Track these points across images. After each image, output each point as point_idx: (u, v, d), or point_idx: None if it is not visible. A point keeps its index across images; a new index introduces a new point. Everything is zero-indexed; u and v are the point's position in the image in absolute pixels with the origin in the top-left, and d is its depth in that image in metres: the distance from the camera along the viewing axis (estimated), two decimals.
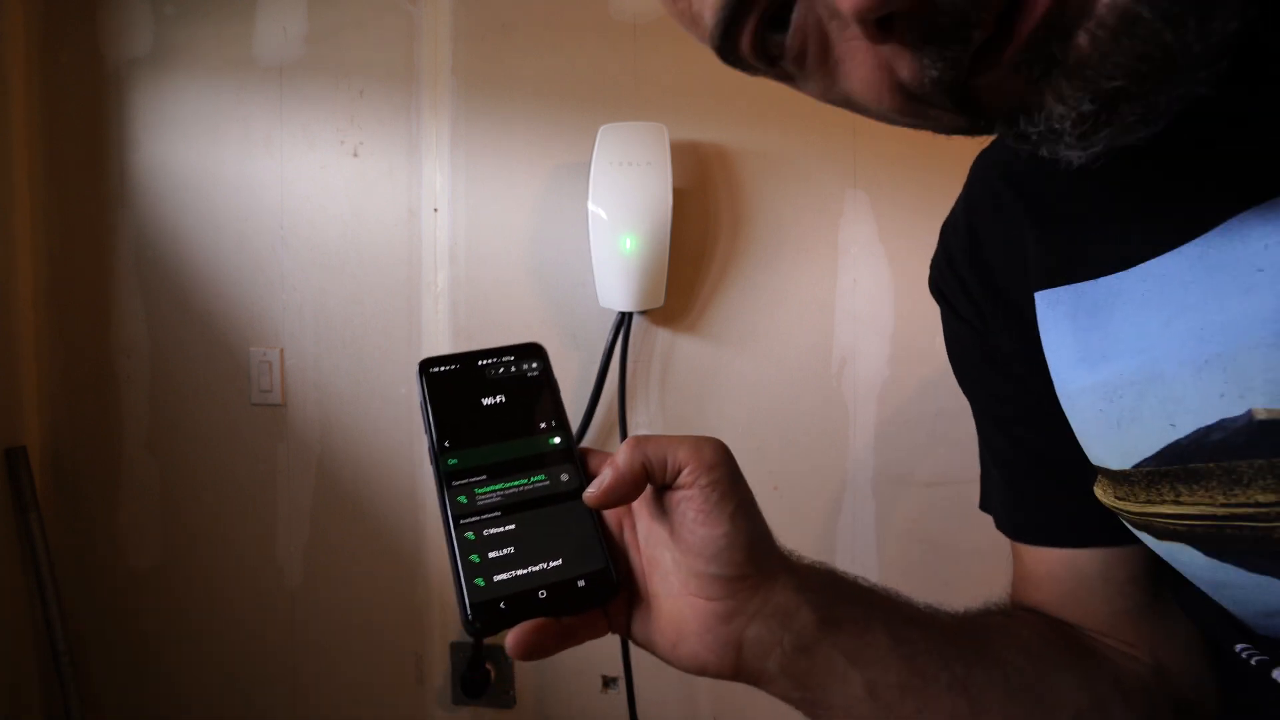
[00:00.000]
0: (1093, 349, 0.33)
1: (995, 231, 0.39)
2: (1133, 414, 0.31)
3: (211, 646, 1.26)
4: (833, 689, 0.33)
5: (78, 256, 1.25)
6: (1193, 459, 0.29)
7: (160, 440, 1.25)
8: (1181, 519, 0.30)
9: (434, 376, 0.33)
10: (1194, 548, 0.30)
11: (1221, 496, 0.29)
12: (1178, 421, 0.30)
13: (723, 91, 1.09)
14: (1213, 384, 0.28)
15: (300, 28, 1.18)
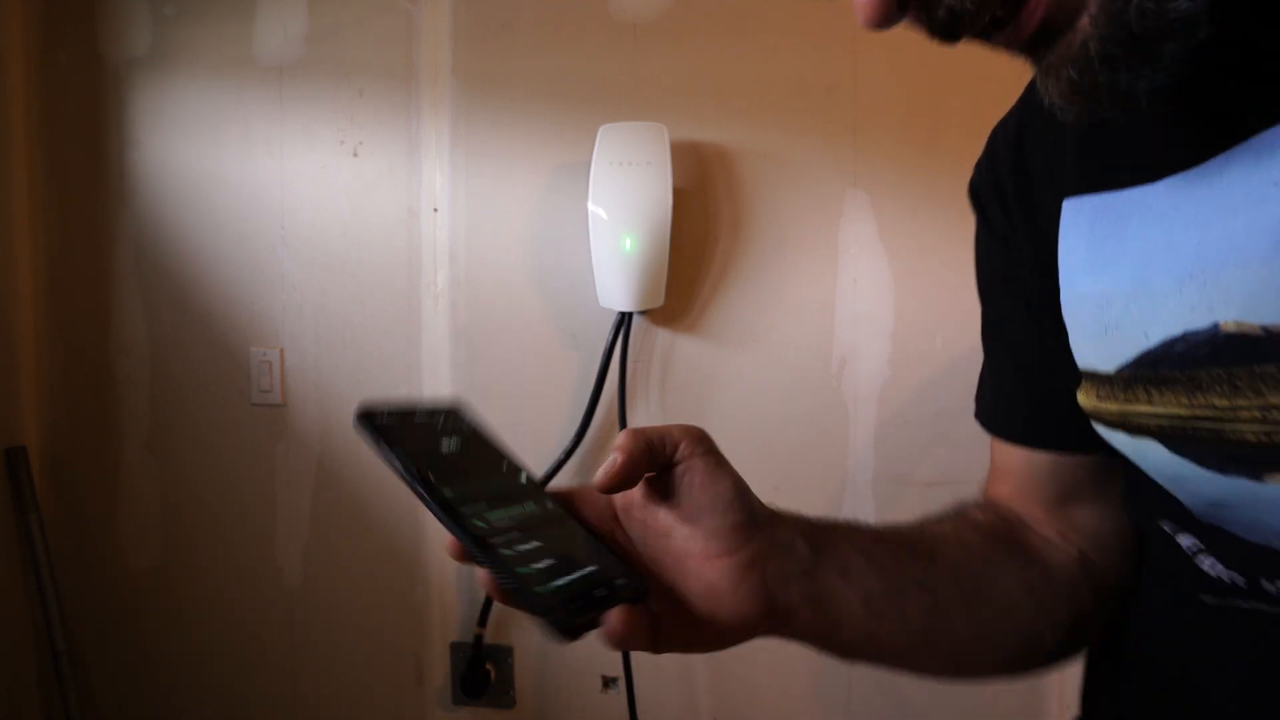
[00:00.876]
0: (1102, 257, 0.35)
1: (1042, 139, 0.40)
2: (1118, 322, 0.34)
3: (211, 646, 1.26)
4: (837, 606, 0.36)
5: (78, 256, 1.25)
6: (1160, 366, 0.33)
7: (160, 440, 1.25)
8: (1153, 418, 0.34)
9: (381, 424, 0.33)
10: (1161, 443, 0.34)
11: (1185, 399, 0.32)
12: (1150, 332, 0.33)
13: (723, 91, 1.09)
14: (1187, 299, 0.31)
15: (300, 27, 1.18)
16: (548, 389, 1.15)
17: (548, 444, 1.15)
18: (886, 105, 1.06)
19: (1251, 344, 0.29)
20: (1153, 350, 0.33)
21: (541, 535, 0.33)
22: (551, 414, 1.15)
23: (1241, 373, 0.29)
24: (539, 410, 1.15)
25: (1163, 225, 0.32)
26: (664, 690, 1.14)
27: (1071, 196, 0.37)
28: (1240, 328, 0.29)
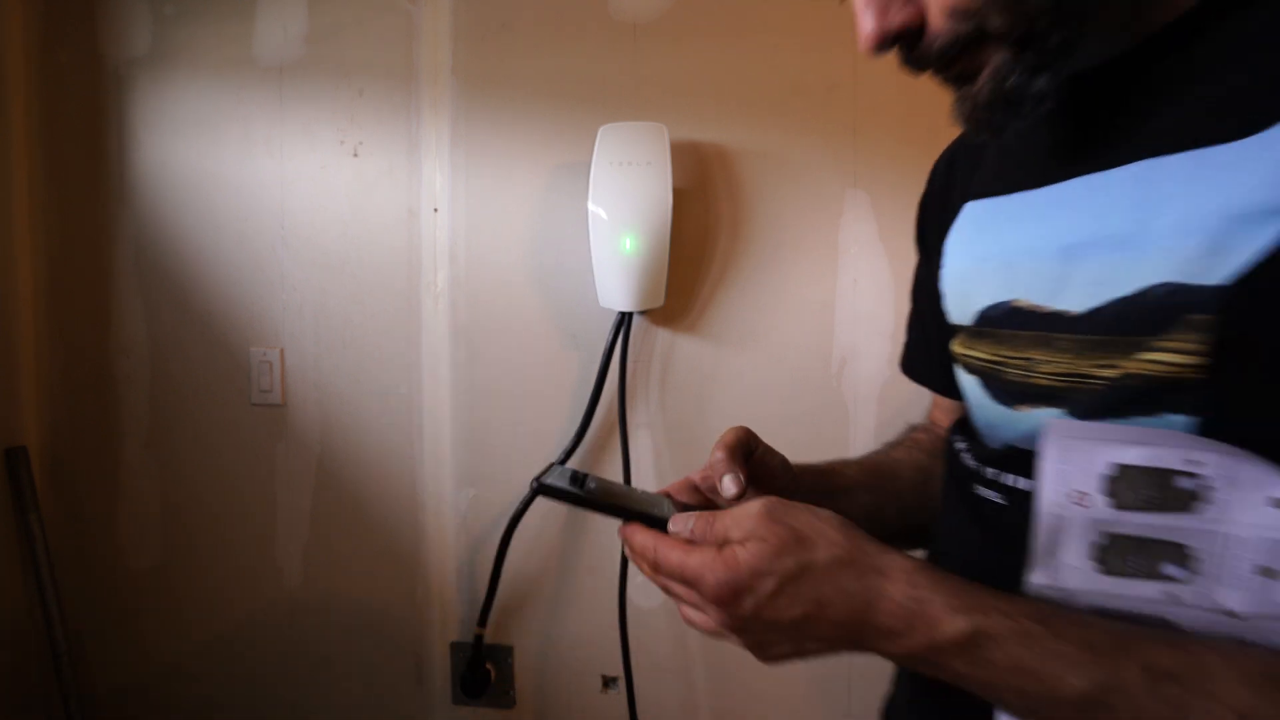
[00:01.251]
0: (970, 244, 0.49)
1: (965, 161, 0.56)
2: (970, 289, 0.48)
3: (211, 646, 1.26)
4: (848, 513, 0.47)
5: (78, 256, 1.25)
6: (985, 324, 0.46)
7: (160, 440, 1.25)
8: (978, 360, 0.47)
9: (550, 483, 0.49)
10: (977, 379, 0.47)
11: (991, 349, 0.45)
12: (983, 299, 0.47)
13: (723, 91, 1.09)
14: (1001, 278, 0.45)
15: (300, 27, 1.18)
16: (548, 389, 1.15)
17: (548, 444, 1.15)
18: (886, 105, 1.06)
19: (1024, 315, 0.42)
20: (983, 311, 0.47)
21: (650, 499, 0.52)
22: (552, 414, 1.15)
23: (1018, 333, 0.43)
24: (539, 410, 1.15)
25: (1008, 225, 0.45)
26: (664, 690, 1.14)
27: (969, 201, 0.50)
28: (1020, 303, 0.43)
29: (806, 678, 1.12)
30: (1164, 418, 0.34)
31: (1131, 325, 0.35)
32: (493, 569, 1.14)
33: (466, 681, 1.16)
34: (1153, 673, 0.30)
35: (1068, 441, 0.36)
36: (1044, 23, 0.35)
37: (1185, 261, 0.33)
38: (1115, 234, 0.36)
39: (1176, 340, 0.33)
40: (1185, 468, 0.33)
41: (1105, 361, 0.36)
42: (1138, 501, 0.34)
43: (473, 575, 1.19)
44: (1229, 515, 0.32)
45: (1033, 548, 0.37)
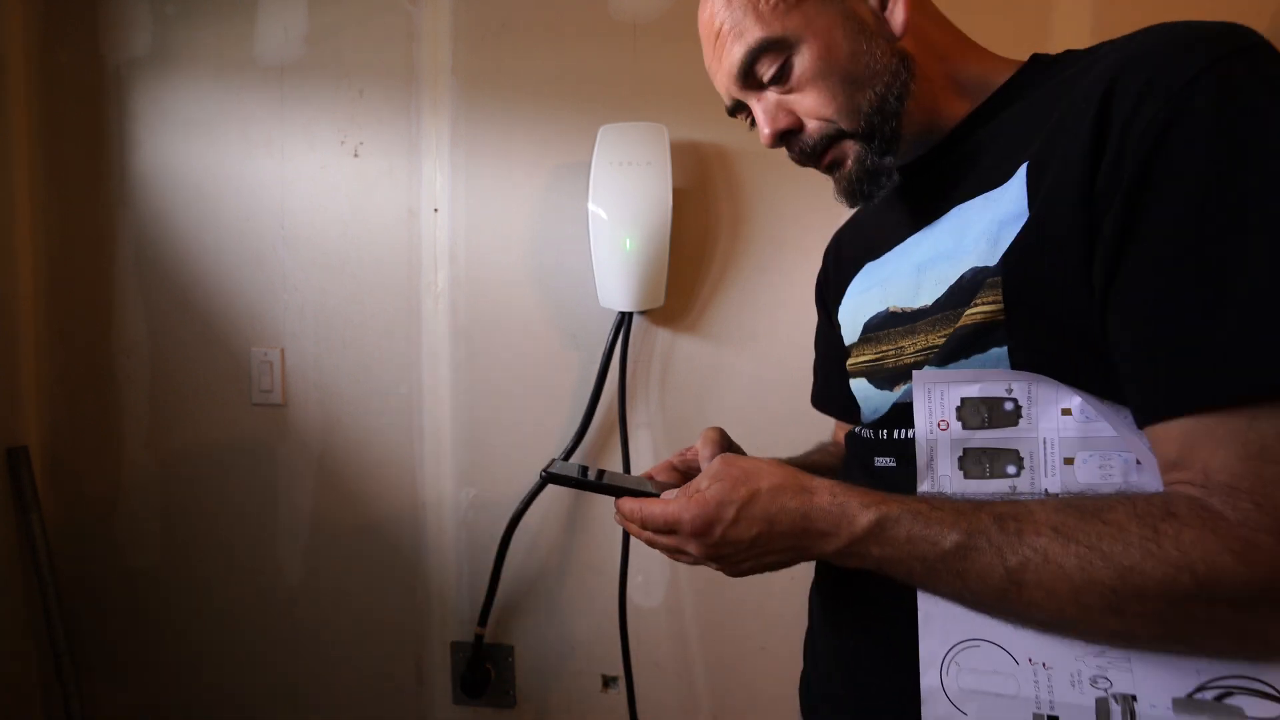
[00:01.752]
0: (860, 284, 0.66)
1: (851, 239, 0.74)
2: (858, 311, 0.64)
3: (211, 646, 1.26)
4: None
5: (78, 256, 1.25)
6: (867, 332, 0.62)
7: (161, 440, 1.25)
8: (864, 362, 0.62)
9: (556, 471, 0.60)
10: (864, 378, 0.62)
11: (873, 349, 0.61)
12: (867, 314, 0.63)
13: None
14: (878, 294, 0.62)
15: (301, 28, 1.18)
16: (548, 389, 1.15)
17: (548, 443, 1.15)
18: None
19: (894, 317, 0.59)
20: (867, 321, 0.62)
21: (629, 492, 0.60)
22: (552, 413, 1.15)
23: (891, 331, 0.59)
24: (539, 410, 1.15)
25: (882, 267, 0.63)
26: (664, 690, 1.14)
27: (868, 261, 0.66)
28: (894, 308, 0.59)
29: None
30: (990, 352, 0.48)
31: (957, 300, 0.51)
32: (493, 569, 1.14)
33: (466, 681, 1.16)
34: (998, 516, 0.44)
35: (929, 386, 0.50)
36: (876, 119, 0.55)
37: (980, 255, 0.50)
38: (945, 250, 0.54)
39: (984, 299, 0.48)
40: (1005, 395, 0.47)
41: (944, 331, 0.52)
42: (979, 422, 0.48)
43: (473, 575, 1.19)
44: (1038, 424, 0.46)
45: (917, 465, 0.50)
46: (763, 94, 0.59)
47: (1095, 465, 0.45)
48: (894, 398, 0.57)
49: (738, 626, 1.12)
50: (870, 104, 0.54)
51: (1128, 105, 0.42)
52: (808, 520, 0.49)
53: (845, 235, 0.77)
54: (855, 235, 0.73)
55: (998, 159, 0.52)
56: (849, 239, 0.75)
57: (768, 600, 1.10)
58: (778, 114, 0.58)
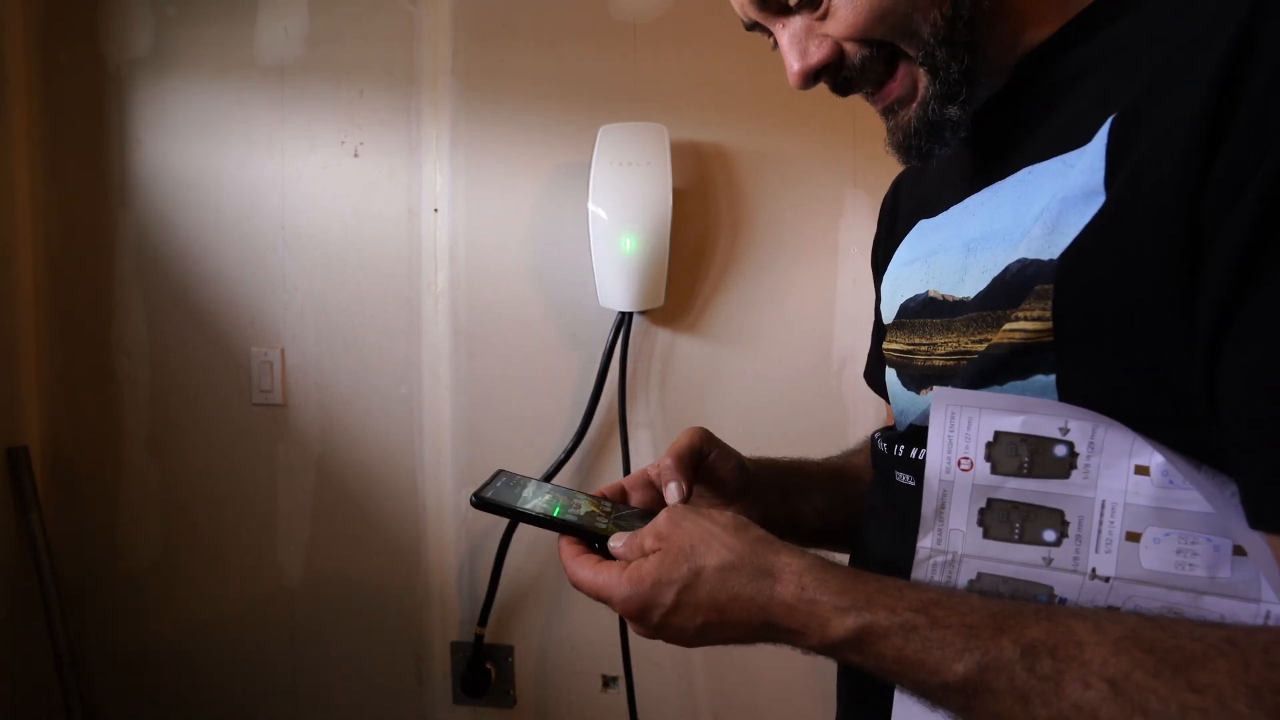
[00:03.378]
0: (906, 253, 0.54)
1: (909, 189, 0.61)
2: (897, 287, 0.53)
3: (212, 646, 1.26)
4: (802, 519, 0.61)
5: (79, 257, 1.25)
6: (903, 316, 0.51)
7: (161, 440, 1.25)
8: (896, 351, 0.51)
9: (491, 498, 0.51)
10: (895, 370, 0.51)
11: (904, 339, 0.50)
12: (905, 293, 0.51)
13: (723, 91, 1.09)
14: (920, 273, 0.50)
15: (301, 28, 1.18)
16: (548, 389, 1.15)
17: (548, 443, 1.15)
18: None
19: (935, 304, 0.47)
20: (904, 303, 0.51)
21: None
22: (552, 413, 1.15)
23: (928, 321, 0.47)
24: (539, 410, 1.15)
25: (937, 233, 0.50)
26: (664, 690, 1.14)
27: (922, 219, 0.54)
28: (934, 293, 0.47)
29: (807, 678, 1.12)
30: (1033, 380, 0.37)
31: (999, 300, 0.40)
32: (493, 569, 1.14)
33: (467, 681, 1.16)
34: (1027, 648, 0.31)
35: (953, 409, 0.39)
36: (941, 52, 0.42)
37: (1035, 242, 0.38)
38: (1001, 227, 0.42)
39: (1030, 310, 0.37)
40: (1058, 435, 0.35)
41: (980, 336, 0.41)
42: (1014, 467, 0.37)
43: (473, 575, 1.19)
44: (1098, 481, 0.35)
45: (923, 512, 0.39)
46: (788, 19, 0.46)
47: (1171, 549, 0.33)
48: (921, 405, 0.45)
49: None
50: (934, 30, 0.41)
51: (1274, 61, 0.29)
52: (767, 614, 0.38)
53: (905, 182, 0.63)
54: (915, 183, 0.60)
55: (1082, 108, 0.39)
56: (908, 187, 0.61)
57: None
58: (808, 45, 0.46)
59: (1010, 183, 0.43)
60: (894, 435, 0.48)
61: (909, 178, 0.62)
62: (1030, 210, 0.39)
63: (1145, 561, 0.33)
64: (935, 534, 0.39)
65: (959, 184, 0.49)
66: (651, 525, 0.44)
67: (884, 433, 0.51)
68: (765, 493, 0.58)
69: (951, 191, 0.50)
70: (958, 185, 0.49)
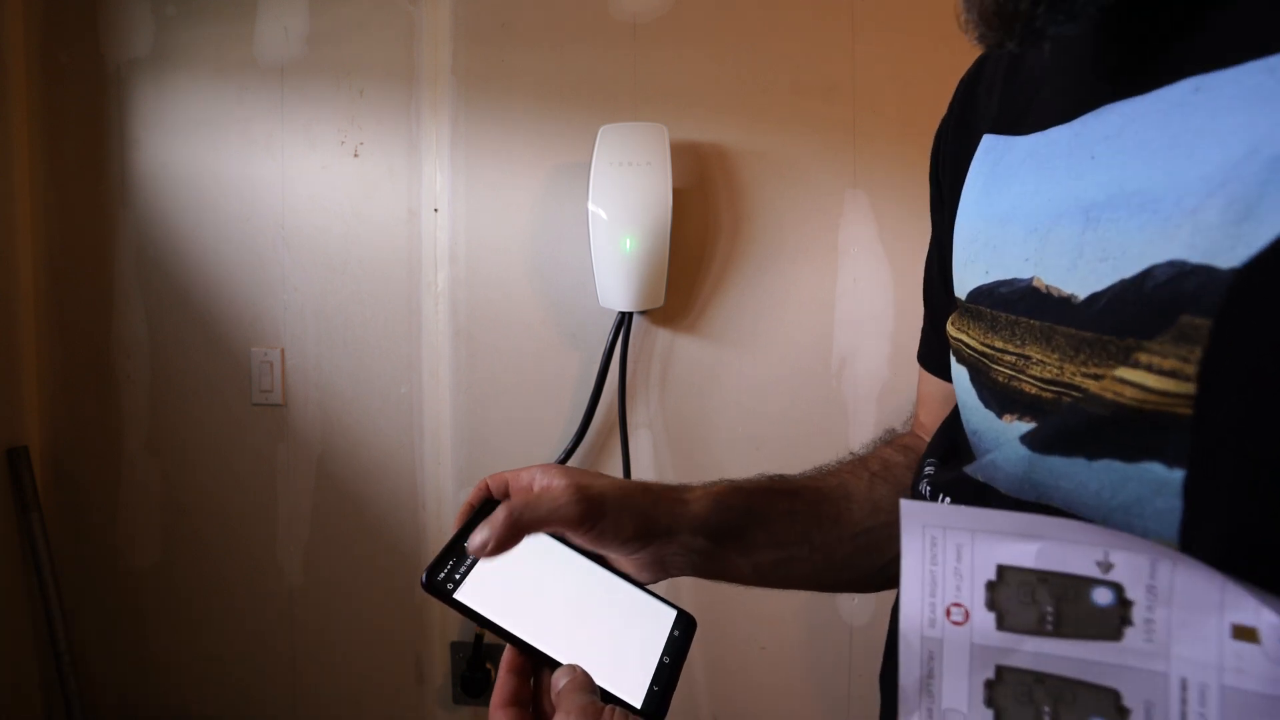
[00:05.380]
0: (990, 194, 0.36)
1: (985, 85, 0.42)
2: (976, 256, 0.36)
3: (212, 646, 1.26)
4: (729, 573, 0.48)
5: (79, 257, 1.25)
6: (982, 302, 0.35)
7: (161, 440, 1.25)
8: (969, 347, 0.36)
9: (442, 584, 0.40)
10: (966, 370, 0.37)
11: (982, 336, 0.35)
12: (990, 270, 0.35)
13: (723, 91, 1.09)
14: (1026, 248, 0.32)
15: (301, 28, 1.18)
16: (548, 389, 1.15)
17: (548, 443, 1.15)
18: (886, 105, 1.06)
19: (1041, 300, 0.31)
20: (984, 286, 0.35)
21: None
22: (552, 414, 1.15)
23: (1022, 322, 0.32)
24: (539, 410, 1.15)
25: (1039, 173, 0.33)
26: None
27: (990, 134, 0.38)
28: (1037, 282, 0.31)
29: (807, 678, 1.12)
30: (1145, 468, 0.24)
31: (1125, 321, 0.25)
32: None
33: (466, 681, 1.16)
34: None
35: (932, 531, 0.26)
36: None
37: (1203, 229, 0.23)
38: (1139, 188, 0.26)
39: (1162, 350, 0.23)
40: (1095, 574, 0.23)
41: (1094, 370, 0.27)
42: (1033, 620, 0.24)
43: None
44: (1169, 647, 0.22)
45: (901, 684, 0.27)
46: None
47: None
48: (1005, 436, 0.32)
49: (738, 627, 1.12)
50: None
51: None
52: None
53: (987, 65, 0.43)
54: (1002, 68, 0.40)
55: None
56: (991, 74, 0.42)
57: (767, 600, 1.10)
58: None
59: (1160, 102, 0.26)
60: (954, 481, 0.35)
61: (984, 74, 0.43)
62: (1199, 164, 0.24)
63: None
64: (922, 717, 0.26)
65: (1072, 84, 0.32)
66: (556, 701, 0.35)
67: (936, 469, 0.38)
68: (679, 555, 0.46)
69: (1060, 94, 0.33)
70: (1070, 86, 0.32)
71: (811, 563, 0.48)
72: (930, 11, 1.05)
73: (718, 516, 0.46)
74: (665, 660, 0.40)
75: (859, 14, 1.06)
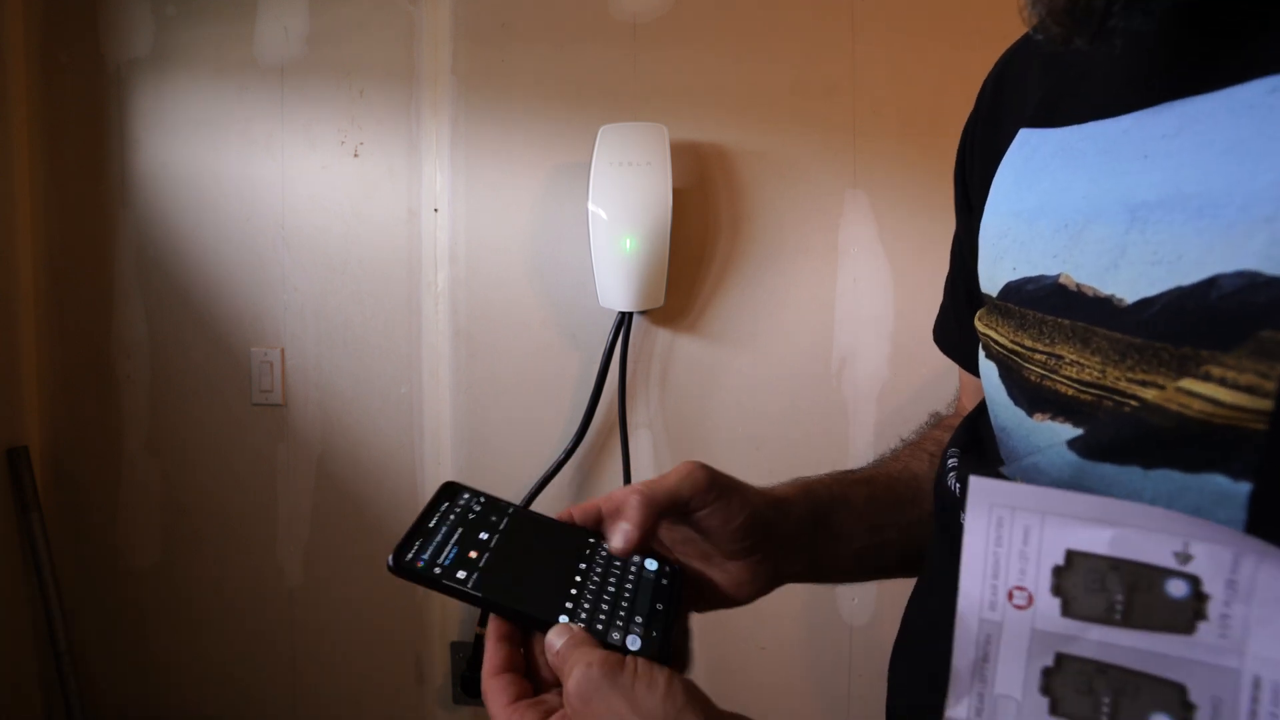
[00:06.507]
0: (1021, 187, 0.36)
1: (1018, 76, 0.42)
2: (1005, 251, 0.36)
3: (212, 646, 1.26)
4: (832, 565, 0.47)
5: (79, 257, 1.25)
6: (1011, 298, 0.35)
7: (161, 440, 1.25)
8: (998, 344, 0.36)
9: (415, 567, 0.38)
10: (997, 369, 0.36)
11: (1011, 333, 0.35)
12: (1018, 266, 0.34)
13: (723, 91, 1.09)
14: (1055, 244, 0.32)
15: (301, 28, 1.18)
16: (548, 389, 1.15)
17: (548, 444, 1.15)
18: (886, 105, 1.06)
19: (1069, 298, 0.31)
20: (1013, 283, 0.35)
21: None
22: (552, 414, 1.15)
23: (1050, 320, 0.32)
24: (539, 410, 1.15)
25: (1071, 168, 0.32)
26: None
27: (1025, 128, 0.37)
28: (1069, 281, 0.31)
29: (807, 677, 1.12)
30: (1208, 479, 0.24)
31: (1185, 330, 0.25)
32: None
33: (466, 681, 1.16)
34: None
35: (1000, 511, 0.26)
36: None
37: (1278, 240, 0.22)
38: (1198, 191, 0.25)
39: (1238, 364, 0.23)
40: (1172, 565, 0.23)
41: (1144, 377, 0.26)
42: (1102, 609, 0.24)
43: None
44: (1245, 644, 0.22)
45: (954, 666, 0.27)
46: None
47: None
48: (1035, 435, 0.32)
49: (737, 626, 1.12)
50: None
51: None
52: None
53: (1019, 57, 0.42)
54: (1035, 60, 0.40)
55: None
56: (1020, 66, 0.41)
57: (767, 600, 1.10)
58: None
59: (1235, 100, 0.25)
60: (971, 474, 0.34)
61: (1030, 50, 0.41)
62: (1267, 170, 0.23)
63: None
64: (973, 701, 0.26)
65: (1120, 78, 0.31)
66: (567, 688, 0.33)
67: (961, 460, 0.37)
68: (783, 547, 0.45)
69: (1105, 87, 0.32)
70: (1119, 79, 0.31)
71: (900, 545, 0.49)
72: (930, 11, 1.05)
73: (807, 504, 0.46)
74: (658, 607, 0.39)
75: (859, 14, 1.06)
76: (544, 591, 0.38)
